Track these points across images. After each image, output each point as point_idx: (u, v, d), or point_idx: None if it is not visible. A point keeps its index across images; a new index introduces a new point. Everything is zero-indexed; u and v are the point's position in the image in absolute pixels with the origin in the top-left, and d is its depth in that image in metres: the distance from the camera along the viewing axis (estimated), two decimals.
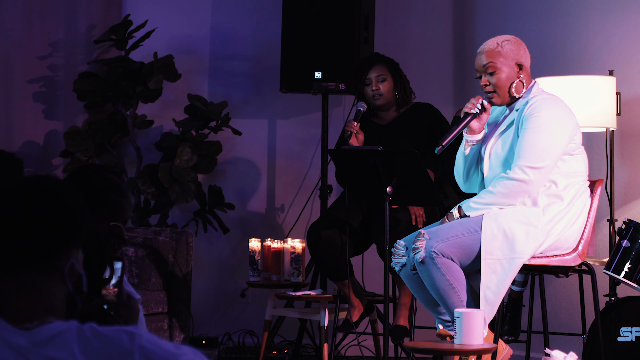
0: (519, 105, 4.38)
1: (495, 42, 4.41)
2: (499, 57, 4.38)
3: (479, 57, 4.43)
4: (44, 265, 1.59)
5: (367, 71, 5.38)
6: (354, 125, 5.19)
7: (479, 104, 4.41)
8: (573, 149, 4.36)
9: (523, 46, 4.44)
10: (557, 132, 4.29)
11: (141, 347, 1.52)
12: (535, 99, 4.34)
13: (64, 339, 1.52)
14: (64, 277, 1.60)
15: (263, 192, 6.60)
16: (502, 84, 4.39)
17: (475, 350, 4.00)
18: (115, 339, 1.52)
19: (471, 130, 4.44)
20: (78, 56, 6.41)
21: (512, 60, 4.39)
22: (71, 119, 6.36)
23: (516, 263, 4.27)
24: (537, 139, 4.26)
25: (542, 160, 4.25)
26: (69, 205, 1.63)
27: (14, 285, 1.58)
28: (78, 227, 1.62)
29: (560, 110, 4.34)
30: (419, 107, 5.45)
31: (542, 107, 4.30)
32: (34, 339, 1.52)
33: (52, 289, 1.60)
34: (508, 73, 4.38)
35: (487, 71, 4.40)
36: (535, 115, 4.28)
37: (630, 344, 4.68)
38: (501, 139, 4.40)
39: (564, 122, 4.32)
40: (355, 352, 6.16)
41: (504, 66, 4.38)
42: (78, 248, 1.62)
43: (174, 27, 6.54)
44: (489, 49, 4.41)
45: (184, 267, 5.61)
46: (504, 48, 4.39)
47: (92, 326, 1.53)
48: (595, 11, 5.57)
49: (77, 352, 1.51)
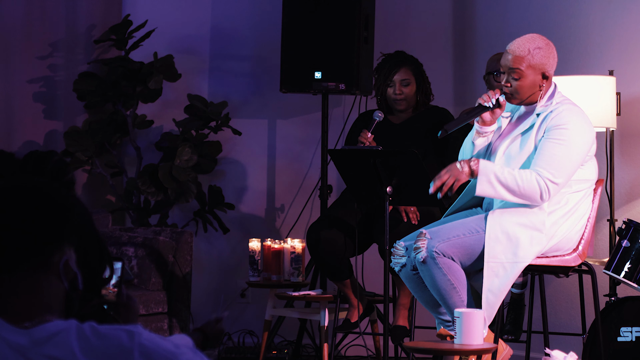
0: (541, 109, 4.32)
1: (527, 48, 4.29)
2: (527, 65, 4.29)
3: (507, 56, 4.32)
4: (38, 261, 1.60)
5: (392, 72, 5.36)
6: (369, 136, 5.14)
7: (494, 98, 4.34)
8: (587, 159, 4.35)
9: (553, 53, 4.34)
10: (581, 149, 4.26)
11: (141, 345, 1.52)
12: (561, 109, 4.28)
13: (64, 337, 1.52)
14: (59, 275, 1.61)
15: (263, 192, 6.60)
16: (523, 92, 4.33)
17: (475, 350, 4.00)
18: (115, 337, 1.52)
19: (483, 122, 4.39)
20: (78, 56, 6.41)
21: (540, 70, 4.30)
22: (71, 119, 6.36)
23: (518, 267, 4.27)
24: (559, 152, 4.22)
25: (561, 176, 4.21)
26: (59, 203, 1.63)
27: (10, 284, 1.58)
28: (68, 223, 1.63)
29: (586, 126, 4.30)
30: (435, 111, 5.43)
31: (568, 121, 4.24)
32: (33, 338, 1.52)
33: (49, 287, 1.60)
34: (532, 81, 4.31)
35: (512, 75, 4.31)
36: (562, 127, 4.23)
37: (630, 344, 4.68)
38: (519, 140, 4.35)
39: (588, 139, 4.29)
40: (355, 352, 6.16)
41: (530, 75, 4.30)
42: (71, 246, 1.63)
43: (174, 27, 6.54)
44: (519, 55, 4.30)
45: (184, 267, 5.61)
46: (534, 57, 4.29)
47: (92, 325, 1.53)
48: (595, 11, 5.57)
49: (76, 351, 1.51)
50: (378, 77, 5.44)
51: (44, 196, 1.63)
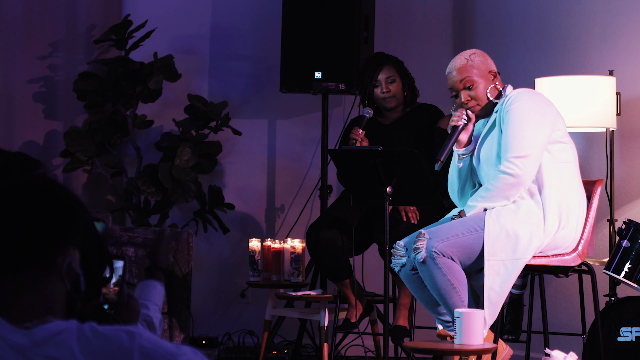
0: (498, 106, 4.43)
1: (463, 58, 4.47)
2: (473, 70, 4.45)
3: (452, 76, 4.47)
4: (41, 264, 1.59)
5: (375, 73, 5.37)
6: (360, 133, 5.17)
7: (464, 115, 4.46)
8: (559, 136, 4.38)
9: (488, 56, 4.51)
10: (537, 119, 4.34)
11: (141, 346, 1.52)
12: (510, 95, 4.40)
13: (64, 338, 1.52)
14: (62, 276, 1.60)
15: (263, 192, 6.60)
16: (482, 95, 4.46)
17: (475, 350, 4.00)
18: (115, 338, 1.52)
19: (459, 144, 4.49)
20: (78, 56, 6.41)
21: (485, 70, 4.46)
22: (71, 119, 6.36)
23: (519, 263, 4.27)
24: (518, 128, 4.31)
25: (527, 148, 4.29)
26: (64, 204, 1.62)
27: (12, 285, 1.58)
28: (74, 225, 1.62)
29: (536, 99, 4.40)
30: (424, 109, 5.45)
31: (517, 99, 4.36)
32: (33, 338, 1.52)
33: (51, 288, 1.60)
34: (485, 83, 4.45)
35: (465, 86, 4.44)
36: (513, 107, 4.34)
37: (630, 344, 4.68)
38: (487, 140, 4.45)
39: (542, 109, 4.37)
40: (355, 352, 6.16)
41: (480, 78, 4.44)
42: (75, 247, 1.62)
43: (174, 27, 6.54)
44: (461, 65, 4.46)
45: (184, 267, 5.61)
46: (474, 61, 4.45)
47: (92, 325, 1.53)
48: (595, 11, 5.57)
49: (76, 351, 1.51)
50: (362, 81, 5.40)
51: (51, 197, 1.62)
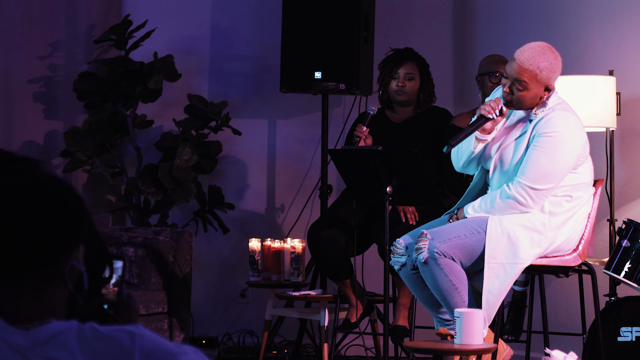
0: (537, 113, 4.32)
1: (537, 65, 4.24)
2: (534, 80, 4.26)
3: (514, 66, 4.28)
4: (45, 272, 1.57)
5: (398, 65, 5.40)
6: (364, 130, 5.16)
7: (497, 109, 4.32)
8: (581, 162, 4.35)
9: (559, 66, 4.32)
10: (566, 155, 4.25)
11: (142, 346, 1.51)
12: (552, 116, 4.27)
13: (64, 338, 1.51)
14: (64, 279, 1.59)
15: (263, 192, 6.60)
16: (525, 102, 4.31)
17: (475, 350, 4.00)
18: (116, 338, 1.51)
19: (484, 130, 4.38)
20: (78, 56, 6.40)
21: (544, 84, 4.29)
22: (71, 119, 6.36)
23: (518, 267, 4.27)
24: (544, 160, 4.23)
25: (545, 183, 4.23)
26: (70, 209, 1.58)
27: (14, 289, 1.56)
28: (79, 230, 1.60)
29: (574, 133, 4.28)
30: (436, 112, 5.45)
31: (556, 128, 4.24)
32: (34, 339, 1.51)
33: (53, 291, 1.58)
34: (535, 94, 4.29)
35: (516, 85, 4.28)
36: (549, 135, 4.23)
37: (630, 344, 4.68)
38: (512, 146, 4.36)
39: (574, 145, 4.27)
40: (355, 352, 6.15)
41: (534, 88, 4.27)
42: (78, 247, 1.60)
43: (174, 27, 6.54)
44: (528, 69, 4.25)
45: (184, 267, 5.61)
46: (542, 73, 4.24)
47: (93, 326, 1.53)
48: (595, 11, 5.57)
49: (77, 352, 1.50)
50: (383, 69, 5.47)
51: (55, 201, 1.58)
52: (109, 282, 1.86)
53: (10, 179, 1.57)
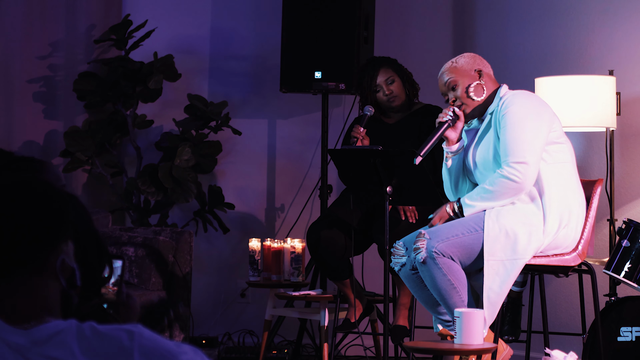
0: (492, 108, 4.43)
1: (450, 61, 4.55)
2: (456, 71, 4.48)
3: (440, 80, 4.54)
4: (34, 265, 1.57)
5: (374, 78, 5.34)
6: (361, 131, 5.16)
7: (450, 112, 4.47)
8: (556, 137, 4.38)
9: (478, 57, 4.56)
10: (534, 122, 4.34)
11: (141, 345, 1.51)
12: (505, 97, 4.41)
13: (64, 337, 1.51)
14: (56, 274, 1.59)
15: (263, 192, 6.60)
16: (468, 93, 4.48)
17: (475, 350, 4.00)
18: (115, 337, 1.51)
19: (449, 141, 4.50)
20: (78, 56, 6.41)
21: (470, 70, 4.49)
22: (71, 119, 6.36)
23: (518, 264, 4.27)
24: (517, 133, 4.30)
25: (527, 154, 4.28)
26: (53, 203, 1.60)
27: (6, 288, 1.56)
28: (64, 223, 1.60)
29: (531, 102, 4.40)
30: (428, 110, 5.44)
31: (513, 102, 4.36)
32: (33, 338, 1.52)
33: (46, 288, 1.58)
34: (470, 82, 4.47)
35: (450, 87, 4.49)
36: (509, 111, 4.34)
37: (630, 344, 4.68)
38: (482, 143, 4.44)
39: (538, 112, 4.37)
40: (355, 352, 6.16)
41: (463, 77, 4.47)
42: (66, 241, 1.61)
43: (174, 27, 6.54)
44: (446, 69, 4.53)
45: (184, 267, 5.61)
46: (458, 62, 4.51)
47: (92, 325, 1.53)
48: (595, 11, 5.57)
49: (76, 351, 1.50)
50: (362, 89, 5.37)
51: (40, 196, 1.60)
52: (108, 281, 1.86)
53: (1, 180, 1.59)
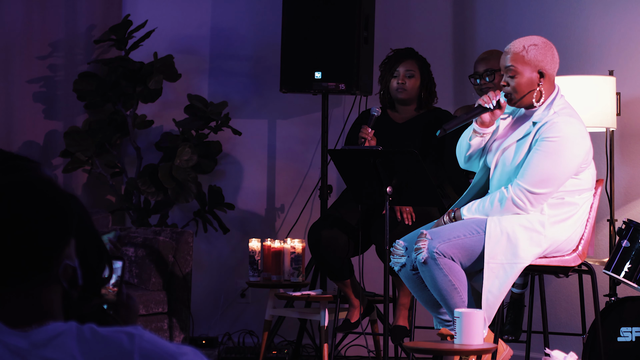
0: (538, 117, 4.30)
1: (522, 45, 4.32)
2: (522, 62, 4.30)
3: (504, 57, 4.35)
4: (37, 275, 1.55)
5: (397, 63, 5.41)
6: (369, 132, 5.16)
7: (495, 99, 4.35)
8: (583, 169, 4.33)
9: (551, 52, 4.35)
10: (567, 161, 4.23)
11: (141, 347, 1.51)
12: (556, 120, 4.25)
13: (64, 340, 1.50)
14: (58, 278, 1.58)
15: (263, 192, 6.60)
16: (521, 90, 4.32)
17: (475, 350, 4.00)
18: (115, 340, 1.51)
19: (482, 123, 4.40)
20: (78, 56, 6.41)
21: (535, 67, 4.31)
22: (71, 119, 6.36)
23: (518, 267, 4.27)
24: (545, 165, 4.21)
25: (544, 187, 4.22)
26: (58, 210, 1.56)
27: (9, 294, 1.55)
28: (69, 228, 1.58)
29: (577, 139, 4.25)
30: (438, 113, 5.44)
31: (558, 132, 4.22)
32: (33, 341, 1.51)
33: (49, 292, 1.57)
34: (528, 79, 4.31)
35: (508, 74, 4.33)
36: (550, 139, 4.21)
37: (630, 344, 4.68)
38: (514, 147, 4.34)
39: (577, 151, 4.25)
40: (355, 352, 6.16)
41: (525, 72, 4.30)
42: (69, 244, 1.59)
43: (174, 27, 6.54)
44: (514, 52, 4.32)
45: (184, 267, 5.61)
46: (529, 53, 4.30)
47: (92, 327, 1.52)
48: (595, 11, 5.57)
49: (76, 354, 1.50)
50: (384, 69, 5.47)
51: (44, 198, 1.57)
52: (108, 282, 1.86)
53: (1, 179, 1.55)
